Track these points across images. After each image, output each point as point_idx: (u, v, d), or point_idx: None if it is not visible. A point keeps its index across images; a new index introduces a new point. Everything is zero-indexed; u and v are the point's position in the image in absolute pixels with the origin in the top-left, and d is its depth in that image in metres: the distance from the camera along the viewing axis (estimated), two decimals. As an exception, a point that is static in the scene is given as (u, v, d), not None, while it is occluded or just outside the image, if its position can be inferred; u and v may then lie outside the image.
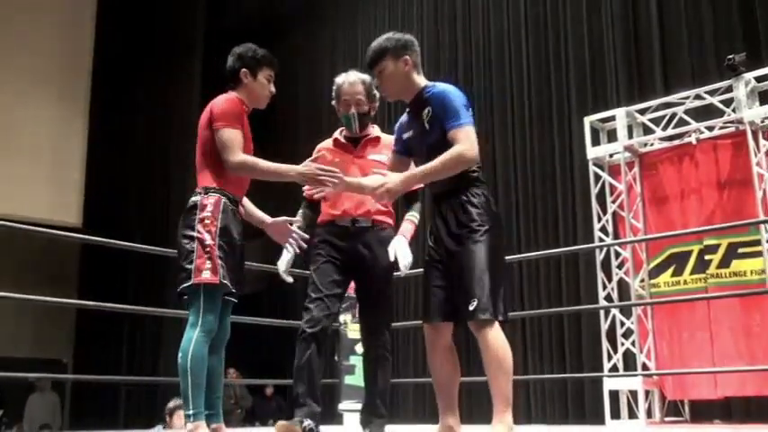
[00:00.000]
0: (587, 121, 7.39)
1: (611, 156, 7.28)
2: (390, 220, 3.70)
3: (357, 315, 3.79)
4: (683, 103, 6.92)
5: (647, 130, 7.16)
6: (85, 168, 13.03)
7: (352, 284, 3.70)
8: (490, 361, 2.84)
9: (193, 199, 3.25)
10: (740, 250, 6.30)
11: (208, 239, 3.15)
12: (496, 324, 2.86)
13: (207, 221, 3.17)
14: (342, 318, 6.05)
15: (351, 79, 3.67)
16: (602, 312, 6.98)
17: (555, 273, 8.38)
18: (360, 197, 3.52)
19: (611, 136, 7.30)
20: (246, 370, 9.84)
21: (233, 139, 3.20)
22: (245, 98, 3.38)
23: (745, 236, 6.30)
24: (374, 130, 3.78)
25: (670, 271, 6.78)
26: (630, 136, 7.15)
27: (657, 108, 7.12)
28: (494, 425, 2.83)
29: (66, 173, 12.72)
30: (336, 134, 3.79)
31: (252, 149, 3.34)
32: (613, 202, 7.20)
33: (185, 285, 3.14)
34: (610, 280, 7.03)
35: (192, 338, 3.10)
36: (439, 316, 3.02)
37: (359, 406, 6.19)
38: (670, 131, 6.94)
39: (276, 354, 9.77)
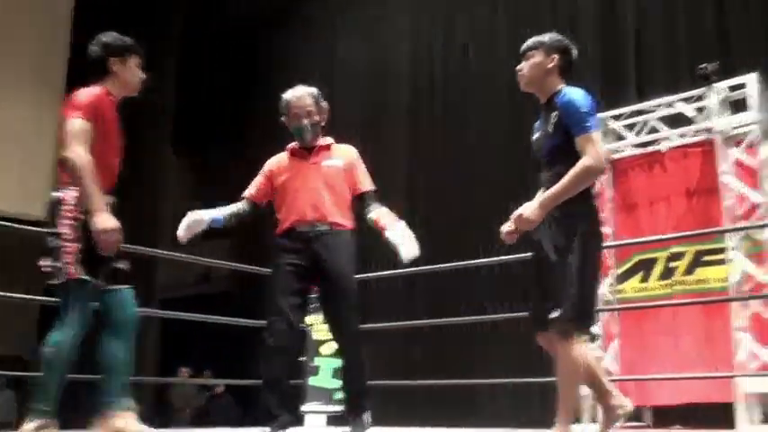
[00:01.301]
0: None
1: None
2: (348, 223, 3.81)
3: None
4: (654, 111, 7.04)
5: (620, 137, 7.28)
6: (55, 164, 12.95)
7: None
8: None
9: (55, 194, 3.21)
10: (705, 258, 6.42)
11: (71, 234, 3.12)
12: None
13: (69, 216, 3.14)
14: (309, 319, 6.10)
15: (298, 93, 3.90)
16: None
17: (523, 277, 8.47)
18: (315, 201, 3.71)
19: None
20: (217, 369, 9.91)
21: (77, 130, 3.15)
22: (115, 88, 3.38)
23: (710, 244, 6.42)
24: (325, 139, 3.96)
25: (638, 277, 6.89)
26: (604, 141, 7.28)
27: (631, 115, 7.22)
28: None
29: (35, 166, 12.64)
30: (290, 147, 3.97)
31: (118, 144, 3.35)
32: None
33: (55, 282, 3.12)
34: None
35: (58, 334, 3.10)
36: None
37: (322, 407, 6.31)
38: (642, 138, 7.06)
39: (246, 353, 9.86)
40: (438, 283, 9.10)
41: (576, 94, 3.14)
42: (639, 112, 7.18)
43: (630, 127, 7.21)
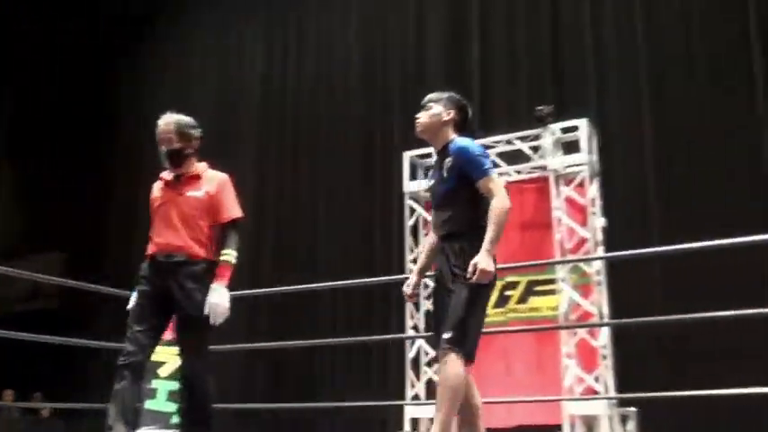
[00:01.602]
0: (407, 156, 7.76)
1: (426, 191, 7.66)
2: (204, 253, 3.85)
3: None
4: (495, 146, 7.43)
5: (462, 170, 7.60)
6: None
7: None
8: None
9: None
10: (537, 288, 6.84)
11: None
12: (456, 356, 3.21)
13: None
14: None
15: (164, 120, 3.94)
16: (407, 342, 7.30)
17: (367, 302, 8.69)
18: (172, 231, 3.78)
19: (429, 172, 7.71)
20: (49, 392, 9.42)
21: None
22: None
23: (542, 275, 6.84)
24: (195, 168, 3.96)
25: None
26: (445, 174, 7.58)
27: (472, 149, 7.59)
28: None
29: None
30: (163, 174, 4.01)
31: None
32: (426, 235, 7.58)
33: None
34: (418, 310, 7.37)
35: None
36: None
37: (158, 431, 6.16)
38: (482, 171, 7.42)
39: (78, 374, 9.42)
40: (283, 308, 9.15)
41: (467, 143, 3.44)
42: (483, 147, 7.54)
43: (473, 161, 7.55)
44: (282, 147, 10.03)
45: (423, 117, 3.61)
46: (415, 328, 7.31)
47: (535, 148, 7.17)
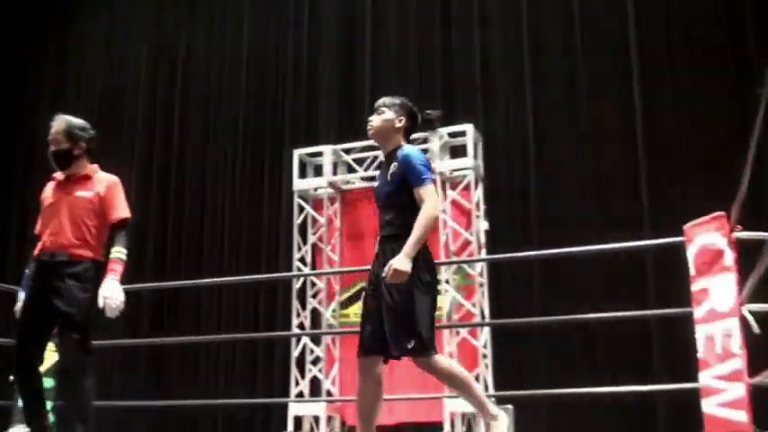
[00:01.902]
0: (296, 154, 7.77)
1: (315, 190, 7.71)
2: (89, 253, 3.88)
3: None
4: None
5: (351, 169, 7.69)
6: None
7: None
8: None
9: None
10: (421, 288, 6.97)
11: None
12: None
13: None
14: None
15: (56, 121, 4.02)
16: (293, 340, 7.33)
17: (252, 299, 8.66)
18: (57, 231, 3.84)
19: (318, 171, 7.75)
20: None
21: None
22: None
23: (427, 275, 6.98)
24: (86, 169, 4.03)
25: (360, 303, 7.26)
26: (335, 173, 7.63)
27: (362, 149, 7.66)
28: None
29: None
30: (55, 174, 4.08)
31: None
32: (314, 234, 7.62)
33: None
34: (304, 308, 7.41)
35: None
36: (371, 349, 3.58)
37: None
38: (371, 172, 7.51)
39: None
40: (167, 305, 9.02)
41: (413, 151, 3.60)
42: (370, 148, 7.63)
43: (361, 161, 7.65)
44: (168, 142, 9.82)
45: (375, 121, 3.72)
46: (301, 326, 7.34)
47: (423, 151, 7.26)
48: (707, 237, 3.93)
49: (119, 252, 3.86)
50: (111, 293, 3.72)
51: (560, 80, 7.93)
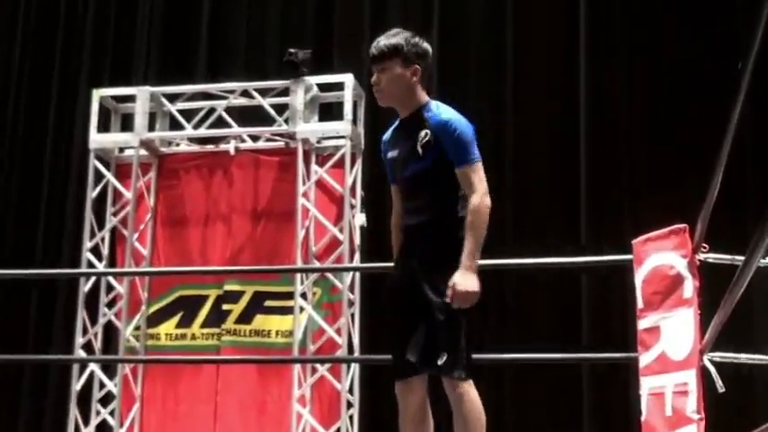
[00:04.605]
0: (97, 94, 7.50)
1: (121, 150, 7.47)
2: None
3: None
4: (226, 98, 7.38)
5: (176, 124, 7.50)
6: None
7: None
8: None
9: None
10: (267, 303, 6.90)
11: None
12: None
13: None
14: None
15: None
16: (75, 367, 7.12)
17: (20, 306, 8.36)
18: None
19: (127, 123, 7.52)
20: None
21: None
22: None
23: (275, 285, 6.92)
24: None
25: (176, 319, 7.13)
26: (153, 128, 7.43)
27: (194, 97, 7.50)
28: None
29: None
30: None
31: None
32: (115, 214, 7.39)
33: None
34: (95, 323, 7.20)
35: None
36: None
37: None
38: (203, 131, 7.35)
39: None
40: None
41: (454, 116, 3.66)
42: (206, 96, 7.48)
43: (191, 113, 7.46)
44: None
45: (383, 82, 3.73)
46: (89, 347, 7.13)
47: (281, 108, 7.21)
48: (662, 257, 4.03)
49: None
50: None
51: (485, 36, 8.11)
